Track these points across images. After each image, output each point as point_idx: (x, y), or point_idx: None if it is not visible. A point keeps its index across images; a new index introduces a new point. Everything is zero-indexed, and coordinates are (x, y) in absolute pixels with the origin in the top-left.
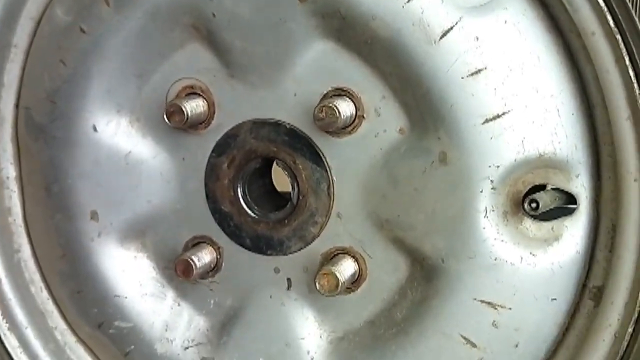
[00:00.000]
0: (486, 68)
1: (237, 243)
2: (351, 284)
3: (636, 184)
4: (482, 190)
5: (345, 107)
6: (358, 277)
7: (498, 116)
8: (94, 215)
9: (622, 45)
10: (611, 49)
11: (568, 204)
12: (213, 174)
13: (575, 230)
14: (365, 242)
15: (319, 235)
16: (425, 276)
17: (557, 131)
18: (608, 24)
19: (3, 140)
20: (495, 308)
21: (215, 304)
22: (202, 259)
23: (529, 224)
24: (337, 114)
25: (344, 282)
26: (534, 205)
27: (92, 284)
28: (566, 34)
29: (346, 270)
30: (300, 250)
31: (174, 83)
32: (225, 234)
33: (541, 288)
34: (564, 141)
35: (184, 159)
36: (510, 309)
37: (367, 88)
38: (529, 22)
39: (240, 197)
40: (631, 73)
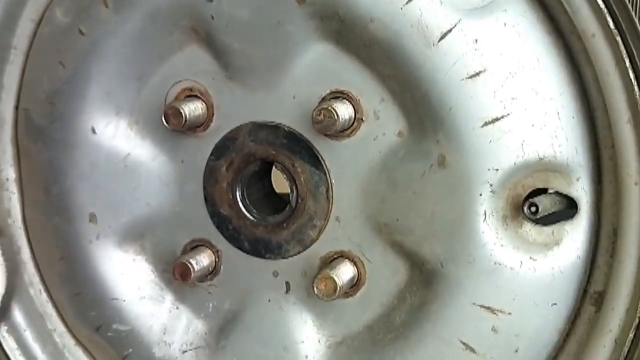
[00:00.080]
0: (485, 70)
1: (235, 246)
2: (350, 288)
3: (637, 188)
4: (481, 194)
5: (343, 110)
6: (357, 282)
7: (497, 119)
8: (93, 218)
9: (622, 47)
10: (611, 51)
11: (568, 208)
12: (212, 177)
13: (575, 234)
14: (364, 246)
15: (317, 239)
16: (424, 281)
17: (557, 134)
18: (608, 25)
19: (3, 142)
20: (494, 313)
21: (214, 308)
22: (201, 262)
23: (528, 228)
24: (336, 117)
25: (342, 286)
26: (533, 209)
27: (91, 286)
28: (566, 36)
29: (345, 274)
30: (298, 253)
31: (172, 85)
32: (223, 237)
33: (541, 293)
34: (564, 144)
35: (182, 162)
36: (510, 314)
37: (366, 91)
38: (528, 24)
39: (239, 200)
40: (631, 75)
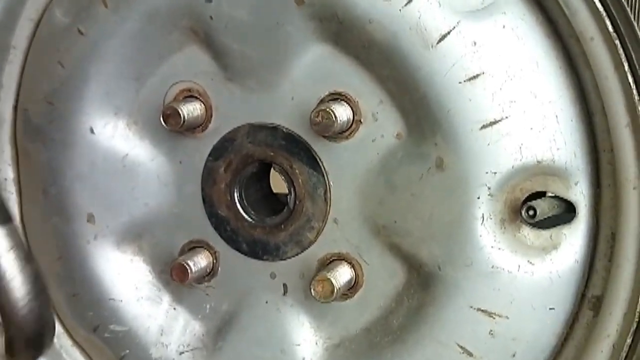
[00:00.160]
0: (484, 73)
1: (233, 248)
2: (347, 291)
3: (635, 192)
4: (479, 197)
5: (342, 112)
6: (354, 284)
7: (495, 122)
8: (91, 218)
9: (621, 51)
10: (610, 55)
11: (567, 211)
12: (210, 178)
13: (574, 238)
14: (362, 248)
15: (315, 241)
16: (421, 283)
17: (555, 138)
18: (607, 29)
19: (1, 142)
20: (492, 317)
21: (211, 309)
22: (198, 263)
23: (527, 231)
24: (334, 118)
25: (339, 288)
26: (531, 213)
27: (88, 286)
28: (565, 39)
29: (342, 276)
30: (296, 255)
31: (171, 86)
32: (221, 239)
33: (539, 297)
34: (562, 148)
35: (181, 163)
36: (507, 317)
37: (365, 92)
38: (527, 27)
39: (237, 202)
40: (630, 79)
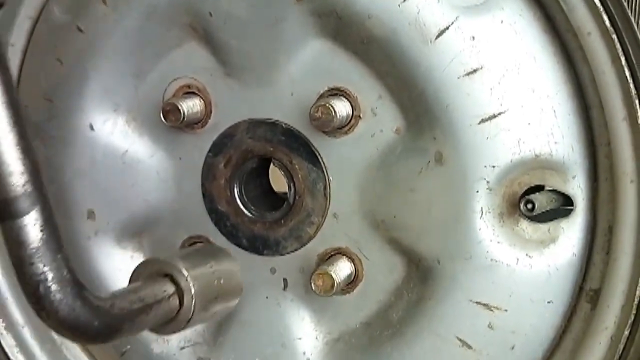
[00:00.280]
0: (482, 68)
1: (233, 243)
2: (347, 285)
3: (633, 186)
4: (477, 191)
5: (341, 107)
6: (354, 278)
7: (494, 116)
8: (91, 214)
9: (618, 46)
10: (607, 49)
11: (564, 205)
12: (210, 174)
13: (571, 232)
14: (362, 242)
15: (315, 236)
16: (421, 277)
17: (553, 132)
18: (604, 23)
19: None
20: (491, 310)
21: None
22: None
23: (525, 225)
24: (333, 114)
25: (339, 282)
26: (530, 207)
27: (89, 283)
28: (563, 34)
29: (342, 270)
30: (296, 250)
31: (170, 82)
32: (221, 234)
33: (537, 290)
34: (560, 142)
35: (180, 159)
36: (506, 310)
37: (364, 88)
38: (525, 22)
39: (237, 197)
40: (627, 73)
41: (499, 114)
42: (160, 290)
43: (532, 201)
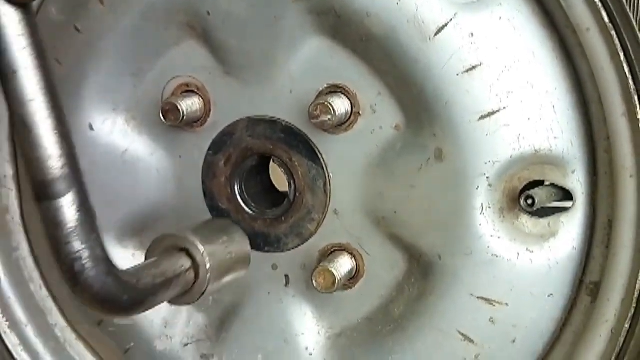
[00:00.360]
0: (481, 64)
1: None
2: (348, 281)
3: (632, 180)
4: (478, 187)
5: (340, 104)
6: (355, 274)
7: (493, 112)
8: None
9: (616, 41)
10: (606, 45)
11: (564, 200)
12: (210, 172)
13: (571, 226)
14: (363, 238)
15: (316, 232)
16: (422, 273)
17: (552, 127)
18: (603, 19)
19: (0, 139)
20: (492, 304)
21: (214, 301)
22: None
23: (525, 220)
24: (332, 111)
25: (340, 279)
26: (530, 202)
27: None
28: (561, 30)
29: (343, 267)
30: (297, 247)
31: (169, 81)
32: None
33: (538, 284)
34: (559, 137)
35: (180, 157)
36: (507, 305)
37: (363, 85)
38: (524, 18)
39: (238, 195)
40: (626, 69)
41: (498, 110)
42: (178, 265)
43: (532, 196)
